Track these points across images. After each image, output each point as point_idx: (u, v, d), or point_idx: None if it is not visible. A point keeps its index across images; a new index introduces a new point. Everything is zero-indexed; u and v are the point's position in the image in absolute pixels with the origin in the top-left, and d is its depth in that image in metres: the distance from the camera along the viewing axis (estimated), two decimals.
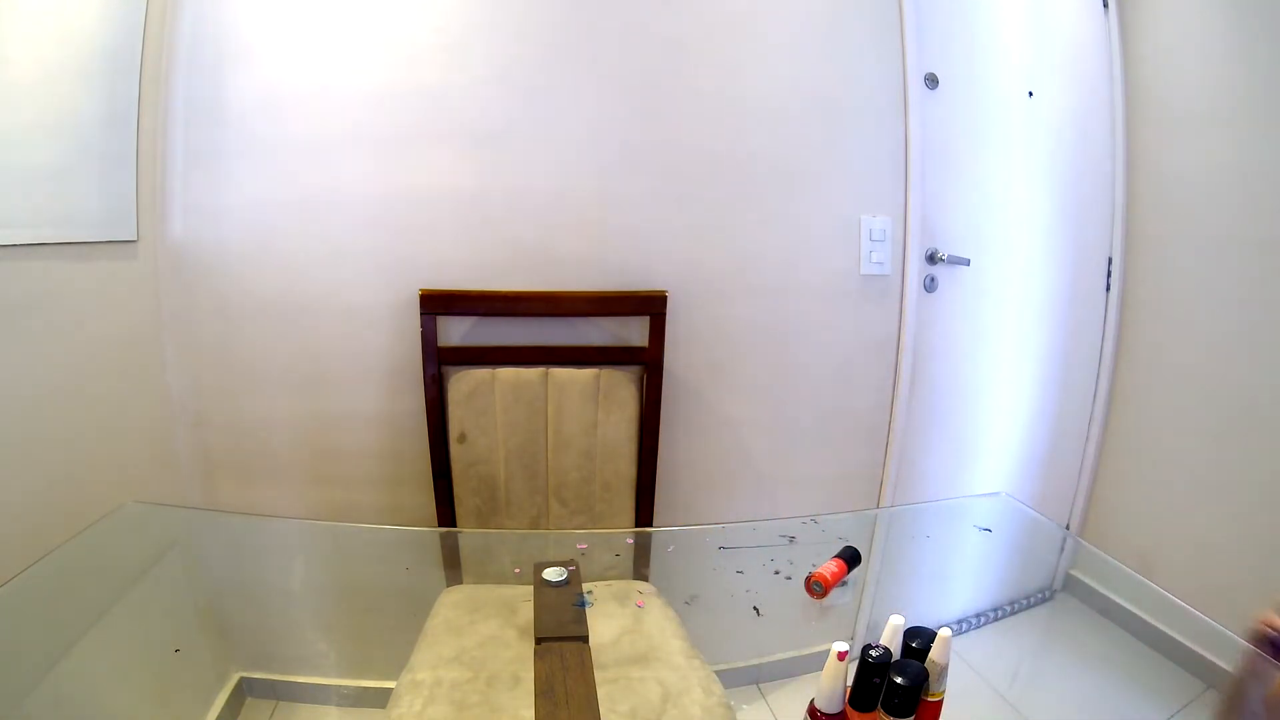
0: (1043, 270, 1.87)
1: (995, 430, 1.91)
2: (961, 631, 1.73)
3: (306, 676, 1.47)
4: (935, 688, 0.67)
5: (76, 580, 1.02)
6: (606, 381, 1.46)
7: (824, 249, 1.61)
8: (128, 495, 1.16)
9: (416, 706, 0.95)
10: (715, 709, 0.97)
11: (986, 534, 1.30)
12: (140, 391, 1.42)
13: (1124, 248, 1.92)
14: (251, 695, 1.45)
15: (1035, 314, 1.89)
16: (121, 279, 1.37)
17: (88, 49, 1.28)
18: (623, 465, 1.47)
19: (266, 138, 1.40)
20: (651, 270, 1.52)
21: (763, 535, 1.34)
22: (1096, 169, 1.90)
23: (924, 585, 1.40)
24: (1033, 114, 1.80)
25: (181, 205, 1.40)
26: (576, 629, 0.86)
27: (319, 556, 1.35)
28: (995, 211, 1.79)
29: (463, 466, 1.43)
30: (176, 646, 1.19)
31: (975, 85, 1.73)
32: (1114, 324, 1.94)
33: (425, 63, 1.41)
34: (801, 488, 1.71)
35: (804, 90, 1.55)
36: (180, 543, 1.28)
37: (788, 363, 1.64)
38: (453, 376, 1.44)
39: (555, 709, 0.72)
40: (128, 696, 1.14)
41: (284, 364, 1.47)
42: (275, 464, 1.51)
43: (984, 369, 1.85)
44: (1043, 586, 1.68)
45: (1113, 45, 1.88)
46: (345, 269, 1.45)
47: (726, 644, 1.54)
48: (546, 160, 1.47)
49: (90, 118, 1.30)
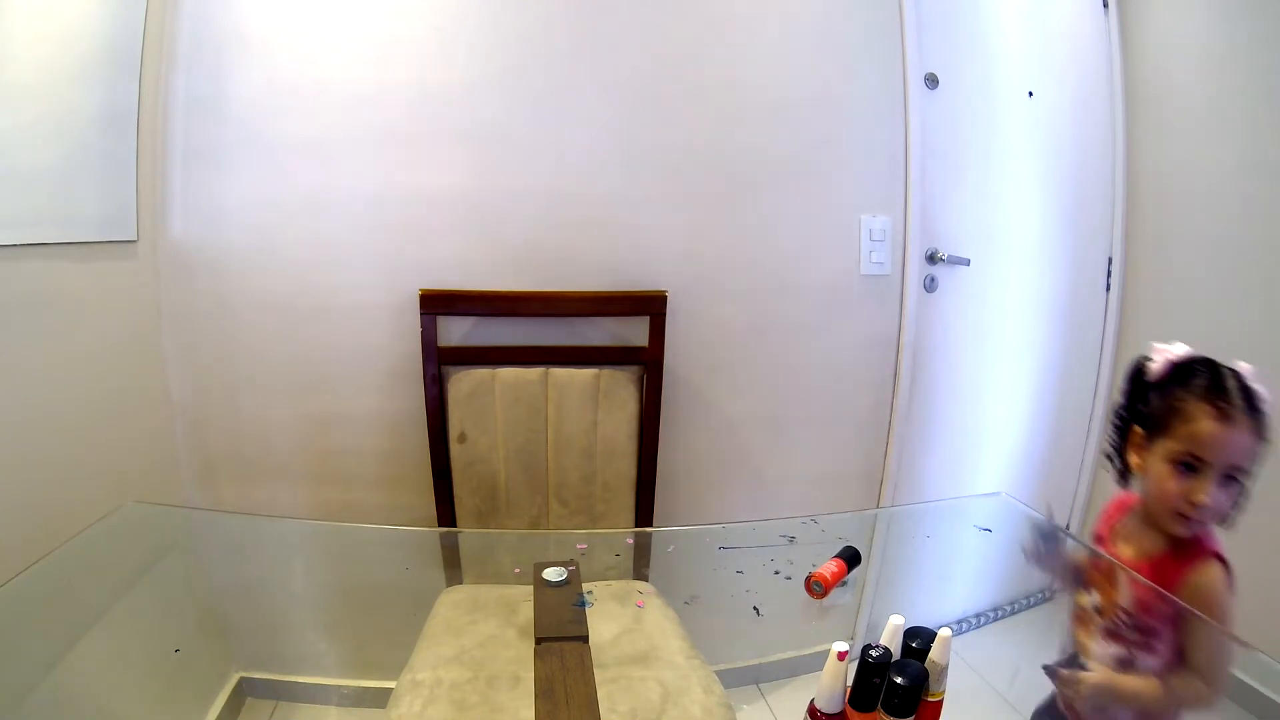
0: (1043, 270, 1.88)
1: (995, 430, 1.91)
2: (961, 631, 1.73)
3: (306, 676, 1.47)
4: (935, 688, 0.67)
5: (76, 580, 1.02)
6: (606, 381, 1.46)
7: (824, 249, 1.61)
8: (128, 495, 1.16)
9: (416, 706, 0.95)
10: (715, 709, 0.97)
11: (986, 534, 1.30)
12: (140, 391, 1.42)
13: (1124, 248, 1.92)
14: (251, 695, 1.45)
15: (1035, 314, 1.89)
16: (121, 279, 1.37)
17: (88, 49, 1.28)
18: (623, 465, 1.47)
19: (267, 138, 1.40)
20: (651, 270, 1.52)
21: (763, 535, 1.34)
22: (1096, 169, 1.90)
23: (924, 585, 1.40)
24: (1033, 114, 1.80)
25: (181, 205, 1.40)
26: (576, 629, 0.86)
27: (319, 556, 1.35)
28: (995, 211, 1.79)
29: (463, 466, 1.43)
30: (176, 646, 1.19)
31: (975, 85, 1.73)
32: (1114, 324, 1.94)
33: (425, 62, 1.41)
34: (801, 488, 1.71)
35: (804, 90, 1.55)
36: (180, 543, 1.28)
37: (788, 363, 1.64)
38: (453, 376, 1.44)
39: (555, 709, 0.72)
40: (128, 696, 1.14)
41: (284, 364, 1.47)
42: (275, 464, 1.51)
43: (984, 369, 1.85)
44: (1043, 586, 1.68)
45: (1112, 45, 1.88)
46: (345, 269, 1.45)
47: (726, 644, 1.54)
48: (547, 160, 1.47)
49: (90, 118, 1.30)
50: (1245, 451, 0.84)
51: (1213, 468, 0.84)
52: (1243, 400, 0.84)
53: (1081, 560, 1.03)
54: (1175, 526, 0.89)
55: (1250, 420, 0.84)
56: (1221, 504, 0.86)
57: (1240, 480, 0.86)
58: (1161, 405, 0.90)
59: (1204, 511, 0.86)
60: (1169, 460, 0.87)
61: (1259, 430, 0.84)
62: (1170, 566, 0.90)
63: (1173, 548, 0.91)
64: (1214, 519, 0.88)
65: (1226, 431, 0.83)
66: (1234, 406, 0.84)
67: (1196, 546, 0.90)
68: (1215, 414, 0.84)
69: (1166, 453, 0.88)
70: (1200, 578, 0.89)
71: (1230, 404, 0.84)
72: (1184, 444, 0.86)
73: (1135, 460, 0.94)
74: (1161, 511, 0.90)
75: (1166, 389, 0.90)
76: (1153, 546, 0.93)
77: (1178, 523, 0.88)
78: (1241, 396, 0.85)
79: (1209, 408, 0.85)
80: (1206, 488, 0.84)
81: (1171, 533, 0.91)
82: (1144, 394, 0.94)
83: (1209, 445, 0.84)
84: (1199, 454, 0.85)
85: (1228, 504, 0.87)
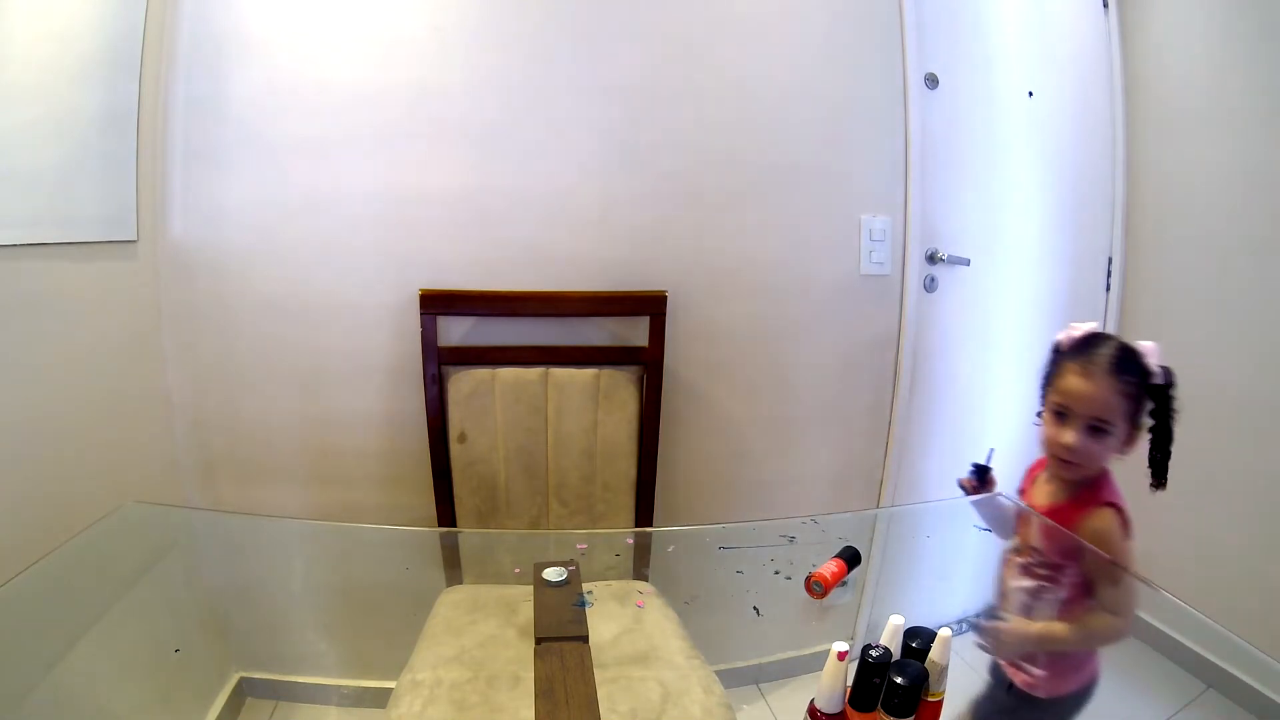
0: (1043, 270, 1.87)
1: (995, 430, 1.90)
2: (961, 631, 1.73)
3: (306, 676, 1.47)
4: (935, 688, 0.67)
5: (76, 580, 1.02)
6: (606, 381, 1.45)
7: (824, 249, 1.61)
8: (128, 495, 1.16)
9: (416, 706, 0.95)
10: (715, 709, 0.97)
11: (986, 534, 1.30)
12: (140, 391, 1.42)
13: (1124, 248, 1.92)
14: (251, 695, 1.45)
15: (1035, 314, 1.89)
16: (121, 279, 1.37)
17: (88, 49, 1.28)
18: (623, 465, 1.47)
19: (267, 137, 1.40)
20: (651, 270, 1.52)
21: (763, 535, 1.34)
22: (1096, 169, 1.90)
23: (924, 585, 1.39)
24: (1033, 114, 1.80)
25: (181, 205, 1.40)
26: (576, 629, 0.86)
27: (319, 556, 1.35)
28: (995, 211, 1.79)
29: (463, 466, 1.43)
30: (176, 646, 1.19)
31: (975, 85, 1.73)
32: (1114, 324, 1.94)
33: (425, 62, 1.41)
34: (801, 488, 1.70)
35: (804, 90, 1.55)
36: (180, 543, 1.28)
37: (788, 363, 1.63)
38: (453, 376, 1.44)
39: (555, 709, 0.72)
40: (128, 696, 1.14)
41: (284, 364, 1.47)
42: (275, 464, 1.51)
43: (984, 369, 1.85)
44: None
45: (1112, 45, 1.88)
46: (345, 269, 1.45)
47: (726, 644, 1.53)
48: (547, 160, 1.47)
49: (90, 118, 1.30)
50: (1104, 405, 1.00)
51: (1078, 417, 1.01)
52: (1110, 364, 1.00)
53: (1010, 511, 1.18)
54: (1059, 469, 1.06)
55: (1111, 380, 1.00)
56: (1089, 449, 1.01)
57: (1106, 431, 1.01)
58: (1052, 368, 1.08)
59: (1071, 452, 1.01)
60: (1050, 411, 1.05)
61: (1124, 390, 0.99)
62: (1070, 511, 1.06)
63: (1072, 496, 1.07)
64: (1084, 461, 1.03)
65: (1086, 386, 1.00)
66: (1096, 367, 1.00)
67: (1093, 495, 1.05)
68: (1080, 371, 1.02)
69: (1050, 405, 1.06)
70: (1096, 522, 1.03)
71: (1093, 364, 1.01)
72: (1058, 396, 1.04)
73: (1042, 417, 1.10)
74: (1049, 457, 1.08)
75: (1060, 356, 1.07)
76: (1058, 495, 1.09)
77: (1058, 465, 1.06)
78: (1110, 362, 1.00)
79: (1076, 367, 1.02)
80: (1070, 432, 1.01)
81: (1061, 476, 1.07)
82: (1054, 360, 1.11)
83: (1072, 397, 1.02)
84: (1066, 404, 1.02)
85: (1097, 450, 1.02)
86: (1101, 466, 1.04)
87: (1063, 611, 1.05)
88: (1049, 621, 1.06)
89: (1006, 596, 1.10)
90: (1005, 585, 1.10)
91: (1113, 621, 1.01)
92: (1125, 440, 1.02)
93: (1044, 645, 1.04)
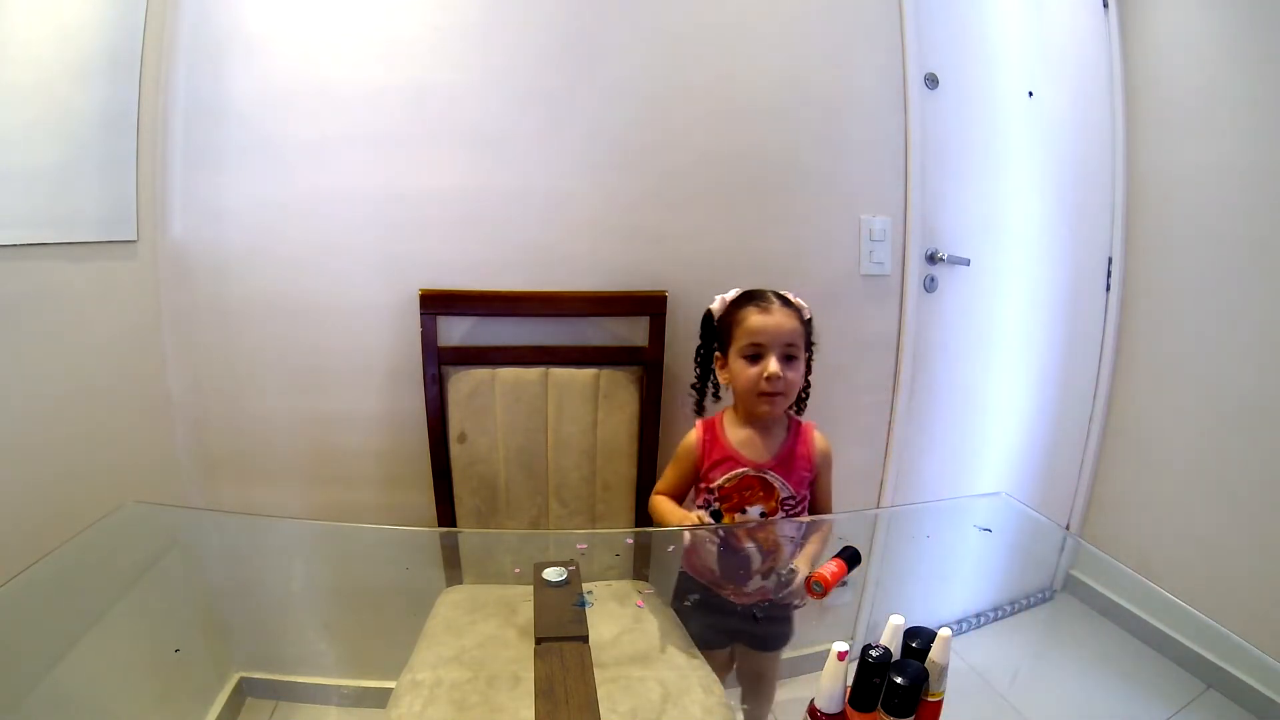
0: (1043, 270, 1.87)
1: (995, 430, 1.91)
2: (961, 631, 1.73)
3: (306, 676, 1.46)
4: (935, 688, 0.67)
5: (76, 580, 1.02)
6: (606, 381, 1.45)
7: (824, 249, 1.61)
8: (128, 495, 1.16)
9: (416, 707, 0.95)
10: (715, 709, 0.97)
11: (986, 534, 1.30)
12: (140, 391, 1.42)
13: (1124, 248, 1.92)
14: (251, 695, 1.45)
15: (1035, 314, 1.89)
16: (121, 279, 1.37)
17: (88, 49, 1.28)
18: (623, 465, 1.47)
19: (267, 137, 1.40)
20: (651, 270, 1.52)
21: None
22: (1096, 169, 1.90)
23: (924, 585, 1.39)
24: (1033, 114, 1.80)
25: (181, 205, 1.40)
26: (576, 629, 0.86)
27: (319, 556, 1.35)
28: (995, 211, 1.79)
29: (463, 466, 1.43)
30: (176, 646, 1.18)
31: (975, 85, 1.73)
32: (1114, 324, 1.94)
33: (425, 62, 1.41)
34: None
35: (804, 90, 1.54)
36: (180, 543, 1.27)
37: None
38: (453, 376, 1.44)
39: (555, 709, 0.72)
40: (128, 696, 1.13)
41: (284, 364, 1.47)
42: (275, 464, 1.51)
43: (984, 369, 1.85)
44: (1043, 586, 1.68)
45: (1112, 45, 1.88)
46: (345, 269, 1.45)
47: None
48: (547, 160, 1.47)
49: (90, 118, 1.30)
50: (792, 331, 1.16)
51: (770, 348, 1.14)
52: (780, 299, 1.18)
53: (744, 533, 1.23)
54: (763, 406, 1.16)
55: (788, 310, 1.17)
56: (790, 376, 1.15)
57: (797, 357, 1.16)
58: (725, 324, 1.21)
59: (777, 382, 1.13)
60: (741, 357, 1.16)
61: (799, 318, 1.18)
62: (796, 446, 1.21)
63: (789, 437, 1.21)
64: (789, 389, 1.16)
65: (769, 318, 1.15)
66: (770, 304, 1.17)
67: (798, 424, 1.23)
68: (757, 309, 1.16)
69: (738, 352, 1.17)
70: (817, 440, 1.23)
71: (767, 301, 1.17)
72: (746, 338, 1.16)
73: (724, 377, 1.22)
74: (750, 400, 1.17)
75: (726, 315, 1.21)
76: (774, 444, 1.21)
77: (764, 402, 1.16)
78: (780, 297, 1.19)
79: (752, 307, 1.17)
80: (771, 363, 1.13)
81: (762, 415, 1.18)
82: (713, 330, 1.26)
83: (761, 331, 1.15)
84: (757, 340, 1.15)
85: (796, 377, 1.17)
86: (795, 392, 1.19)
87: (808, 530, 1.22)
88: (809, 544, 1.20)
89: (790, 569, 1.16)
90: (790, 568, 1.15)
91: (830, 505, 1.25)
92: (806, 368, 1.19)
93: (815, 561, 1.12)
